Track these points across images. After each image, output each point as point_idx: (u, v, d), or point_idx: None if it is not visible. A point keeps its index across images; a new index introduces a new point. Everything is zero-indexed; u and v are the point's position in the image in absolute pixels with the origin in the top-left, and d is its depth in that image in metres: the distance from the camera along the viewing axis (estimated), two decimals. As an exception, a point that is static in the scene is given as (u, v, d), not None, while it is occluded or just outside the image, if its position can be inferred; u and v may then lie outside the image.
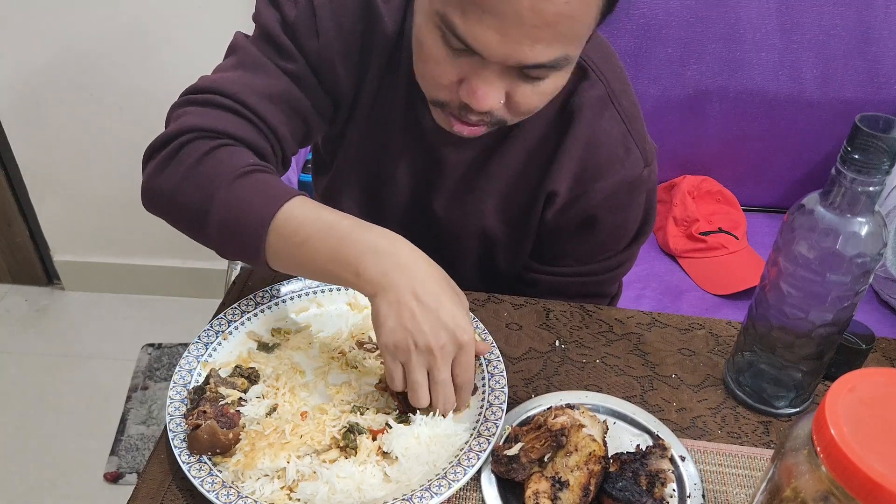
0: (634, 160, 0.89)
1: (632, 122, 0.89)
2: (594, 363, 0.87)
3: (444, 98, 0.76)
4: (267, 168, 0.79)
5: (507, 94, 0.73)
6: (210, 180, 0.75)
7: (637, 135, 0.90)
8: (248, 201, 0.74)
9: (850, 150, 0.64)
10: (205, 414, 0.71)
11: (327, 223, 0.72)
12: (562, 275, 0.99)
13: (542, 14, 0.64)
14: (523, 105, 0.75)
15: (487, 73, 0.70)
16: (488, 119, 0.76)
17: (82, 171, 1.98)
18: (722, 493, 0.73)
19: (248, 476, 0.70)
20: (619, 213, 0.93)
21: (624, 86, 0.90)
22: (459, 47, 0.69)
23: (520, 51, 0.67)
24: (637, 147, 0.90)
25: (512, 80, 0.72)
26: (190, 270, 2.16)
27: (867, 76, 1.49)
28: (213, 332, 0.84)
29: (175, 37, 1.76)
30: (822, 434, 0.46)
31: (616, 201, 0.91)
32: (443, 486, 0.69)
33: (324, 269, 0.72)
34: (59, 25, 1.74)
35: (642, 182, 0.91)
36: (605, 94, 0.87)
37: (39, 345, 2.08)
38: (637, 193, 0.92)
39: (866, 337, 0.84)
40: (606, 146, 0.88)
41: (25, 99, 1.85)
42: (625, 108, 0.89)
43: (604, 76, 0.88)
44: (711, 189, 1.63)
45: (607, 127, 0.88)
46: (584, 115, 0.87)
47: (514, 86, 0.72)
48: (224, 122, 0.79)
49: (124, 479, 1.74)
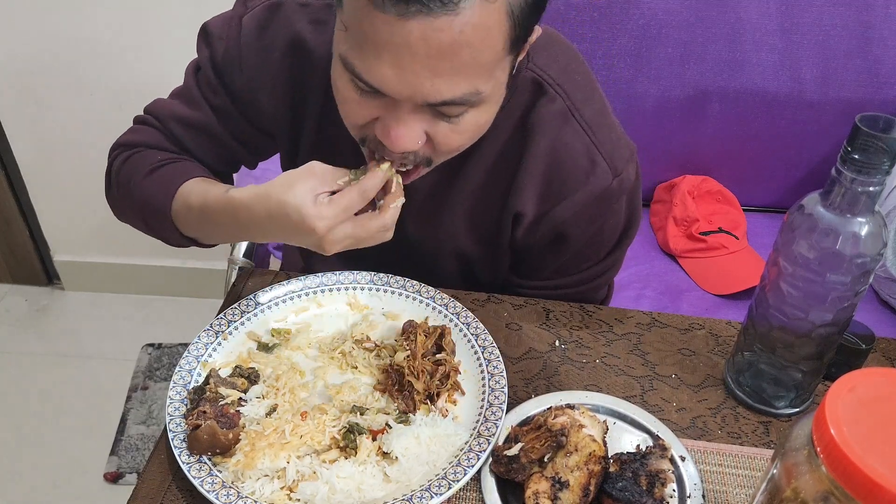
0: (601, 173, 0.86)
1: (597, 131, 0.86)
2: (594, 363, 0.87)
3: (363, 135, 0.75)
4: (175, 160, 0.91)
5: (427, 134, 0.72)
6: (127, 182, 0.90)
7: (604, 144, 0.86)
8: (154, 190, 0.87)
9: (850, 150, 0.64)
10: (205, 414, 0.71)
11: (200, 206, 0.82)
12: (543, 287, 0.98)
13: (434, 44, 0.62)
14: (443, 145, 0.73)
15: (400, 112, 0.69)
16: (412, 159, 0.75)
17: (82, 171, 1.98)
18: (722, 494, 0.73)
19: (248, 476, 0.70)
20: (591, 226, 0.90)
21: (587, 94, 0.87)
22: (365, 89, 0.68)
23: (420, 86, 0.65)
24: (604, 158, 0.86)
25: (428, 120, 0.70)
26: (190, 270, 2.16)
27: (867, 76, 1.48)
28: (213, 333, 0.84)
29: (175, 37, 1.76)
30: (822, 434, 0.46)
31: (585, 216, 0.88)
32: (443, 486, 0.69)
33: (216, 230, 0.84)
34: (60, 25, 1.74)
35: (612, 193, 0.87)
36: (564, 108, 0.85)
37: (39, 345, 2.08)
38: (609, 204, 0.89)
39: (866, 337, 0.84)
40: (570, 161, 0.85)
41: (25, 99, 1.85)
42: (587, 119, 0.86)
43: (562, 90, 0.85)
44: (711, 189, 1.63)
45: (569, 141, 0.85)
46: (544, 132, 0.84)
47: (432, 125, 0.71)
48: (146, 136, 0.93)
49: (124, 479, 1.74)
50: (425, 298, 0.91)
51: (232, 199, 0.77)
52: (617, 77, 1.50)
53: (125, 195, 0.92)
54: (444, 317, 0.88)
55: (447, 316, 0.88)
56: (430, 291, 0.91)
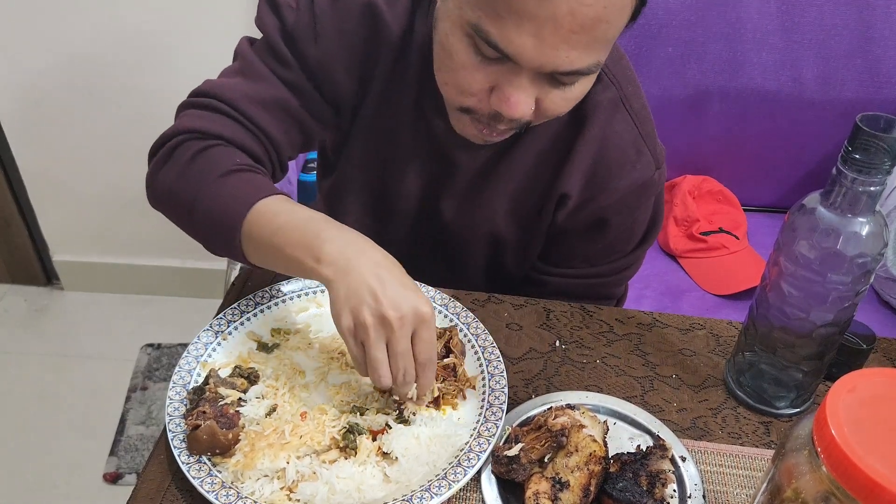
0: (646, 163, 0.89)
1: (643, 124, 0.90)
2: (594, 363, 0.87)
3: (471, 105, 0.75)
4: (253, 168, 0.81)
5: (536, 100, 0.73)
6: (198, 178, 0.79)
7: (649, 137, 0.90)
8: (229, 196, 0.77)
9: (851, 149, 0.64)
10: (204, 414, 0.71)
11: (297, 217, 0.74)
12: (570, 276, 0.99)
13: (580, 18, 0.63)
14: (551, 110, 0.74)
15: (520, 79, 0.70)
16: (517, 124, 0.76)
17: (82, 171, 1.98)
18: (722, 494, 0.73)
19: (248, 476, 0.70)
20: (628, 215, 0.93)
21: (635, 89, 0.90)
22: (493, 55, 0.68)
23: (556, 57, 0.66)
24: (648, 150, 0.90)
25: (542, 86, 0.71)
26: (189, 270, 2.16)
27: (868, 76, 1.48)
28: (213, 333, 0.84)
29: (174, 38, 1.76)
30: (822, 434, 0.46)
31: (626, 204, 0.91)
32: (443, 486, 0.69)
33: (290, 256, 0.73)
34: (59, 27, 1.74)
35: (653, 184, 0.91)
36: (616, 97, 0.87)
37: (39, 345, 2.08)
38: (647, 196, 0.92)
39: (867, 337, 0.84)
40: (618, 149, 0.88)
41: (25, 100, 1.85)
42: (636, 111, 0.89)
43: (616, 79, 0.87)
44: (712, 189, 1.63)
45: (619, 129, 0.88)
46: (597, 118, 0.87)
47: (545, 91, 0.72)
48: (218, 125, 0.82)
49: (124, 479, 1.74)
50: (425, 298, 0.90)
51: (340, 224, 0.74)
52: (617, 77, 1.50)
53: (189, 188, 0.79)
54: (444, 317, 0.88)
55: (447, 316, 0.88)
56: (430, 291, 0.91)
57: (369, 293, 0.68)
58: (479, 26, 0.67)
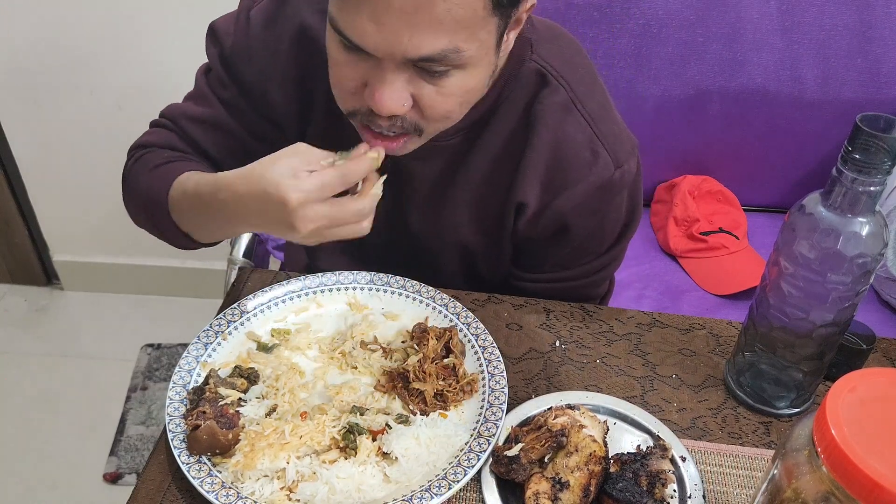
0: (603, 164, 0.86)
1: (599, 123, 0.86)
2: (594, 363, 0.87)
3: (352, 106, 0.76)
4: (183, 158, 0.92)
5: (413, 98, 0.72)
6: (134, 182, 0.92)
7: (606, 136, 0.86)
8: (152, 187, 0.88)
9: (851, 149, 0.64)
10: (204, 414, 0.71)
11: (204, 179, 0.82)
12: (545, 281, 0.98)
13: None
14: (430, 109, 0.73)
15: (384, 73, 0.70)
16: (400, 126, 0.75)
17: (82, 171, 1.98)
18: (722, 494, 0.73)
19: (248, 477, 0.70)
20: (592, 218, 0.90)
21: (590, 87, 0.88)
22: (350, 46, 0.69)
23: (399, 41, 0.66)
24: (606, 150, 0.86)
25: (413, 81, 0.71)
26: (189, 270, 2.16)
27: (868, 76, 1.48)
28: (213, 333, 0.84)
29: (174, 37, 1.76)
30: (822, 434, 0.46)
31: (588, 207, 0.89)
32: (443, 486, 0.69)
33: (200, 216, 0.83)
34: (59, 25, 1.74)
35: (614, 185, 0.88)
36: (567, 99, 0.85)
37: (39, 345, 2.08)
38: (611, 196, 0.89)
39: (867, 337, 0.84)
40: (572, 152, 0.86)
41: (25, 98, 1.85)
42: (590, 111, 0.86)
43: (565, 81, 0.85)
44: (712, 189, 1.63)
45: (572, 132, 0.86)
46: (547, 123, 0.85)
47: (417, 87, 0.71)
48: (158, 137, 0.95)
49: (124, 479, 1.73)
50: (425, 299, 0.90)
51: (217, 178, 0.78)
52: (617, 77, 1.50)
53: (132, 193, 0.94)
54: (444, 317, 0.88)
55: (447, 316, 0.88)
56: (430, 291, 0.91)
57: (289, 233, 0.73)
58: (333, 17, 0.69)
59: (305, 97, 0.91)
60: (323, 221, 0.71)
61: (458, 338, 0.84)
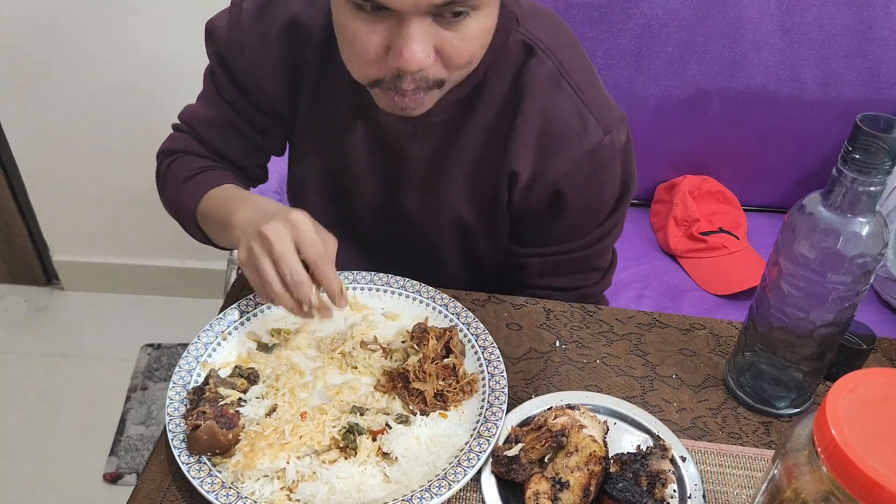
0: (592, 130, 0.87)
1: (586, 92, 0.88)
2: (594, 363, 0.87)
3: (375, 75, 0.76)
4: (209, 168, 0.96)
5: (436, 50, 0.73)
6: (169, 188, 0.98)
7: (593, 104, 0.88)
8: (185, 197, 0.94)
9: (851, 149, 0.64)
10: (204, 414, 0.71)
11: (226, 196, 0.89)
12: (546, 255, 0.98)
13: None
14: (455, 56, 0.75)
15: (407, 30, 0.70)
16: (425, 82, 0.76)
17: (82, 171, 1.98)
18: (723, 494, 0.73)
19: (248, 477, 0.70)
20: (587, 186, 0.91)
21: (576, 58, 0.89)
22: (369, 9, 0.70)
23: None
24: (594, 117, 0.87)
25: (435, 33, 0.72)
26: (189, 270, 2.16)
27: (868, 76, 1.48)
28: (213, 333, 0.84)
29: (175, 37, 1.76)
30: (822, 434, 0.46)
31: (581, 175, 0.89)
32: (443, 486, 0.69)
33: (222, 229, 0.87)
34: (59, 25, 1.74)
35: (605, 151, 0.89)
36: (554, 70, 0.87)
37: (39, 345, 2.08)
38: (603, 164, 0.90)
39: (867, 337, 0.84)
40: (561, 121, 0.87)
41: (25, 98, 1.85)
42: (577, 81, 0.88)
43: (551, 52, 0.87)
44: (712, 189, 1.63)
45: (560, 102, 0.87)
46: (535, 92, 0.86)
47: (440, 38, 0.72)
48: (182, 143, 0.99)
49: (124, 479, 1.74)
50: (425, 298, 0.90)
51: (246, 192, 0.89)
52: (617, 77, 1.50)
53: (167, 199, 1.00)
54: (443, 317, 0.88)
55: (447, 316, 0.88)
56: (430, 291, 0.91)
57: (253, 226, 0.77)
58: None
59: (295, 82, 0.92)
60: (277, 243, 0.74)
61: (458, 338, 0.84)
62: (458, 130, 0.90)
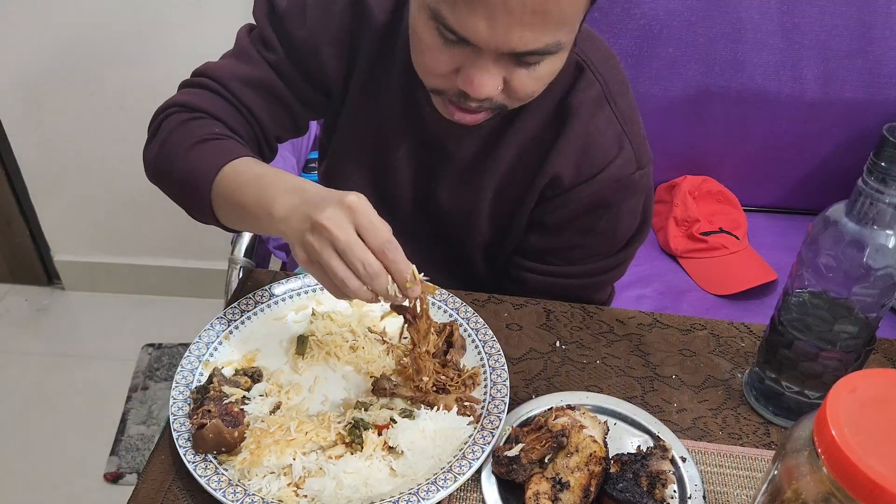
0: (627, 158, 0.89)
1: (628, 123, 0.90)
2: (595, 364, 0.87)
3: (441, 87, 0.77)
4: (227, 136, 0.85)
5: (504, 81, 0.74)
6: (176, 147, 0.84)
7: (633, 136, 0.90)
8: (200, 162, 0.81)
9: (877, 160, 0.62)
10: (209, 413, 0.71)
11: (257, 174, 0.77)
12: (549, 274, 0.98)
13: (530, 4, 0.65)
14: (521, 91, 0.75)
15: (483, 61, 0.71)
16: (487, 105, 0.77)
17: (82, 171, 1.98)
18: (723, 494, 0.73)
19: (255, 474, 0.70)
20: (607, 211, 0.92)
21: (622, 88, 0.90)
22: (452, 39, 0.70)
23: (510, 39, 0.68)
24: (632, 147, 0.89)
25: (508, 67, 0.73)
26: (190, 270, 2.16)
27: (868, 76, 1.48)
28: (214, 332, 0.85)
29: (175, 36, 1.76)
30: (823, 435, 0.46)
31: (605, 198, 0.91)
32: (448, 479, 0.69)
33: (250, 213, 0.75)
34: (60, 25, 1.74)
35: (634, 184, 0.90)
36: (601, 94, 0.88)
37: (39, 345, 2.08)
38: (629, 195, 0.91)
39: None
40: (601, 145, 0.88)
41: (26, 99, 1.85)
42: (621, 110, 0.89)
43: (601, 76, 0.88)
44: (712, 189, 1.63)
45: (602, 126, 0.88)
46: (580, 114, 0.87)
47: (511, 72, 0.73)
48: (204, 100, 0.87)
49: (124, 479, 1.74)
50: (426, 295, 0.91)
51: None
52: (617, 77, 1.50)
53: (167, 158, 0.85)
54: (443, 312, 0.88)
55: (447, 311, 0.88)
56: (431, 290, 0.91)
57: (304, 217, 0.68)
58: (438, 11, 0.69)
59: (351, 62, 0.91)
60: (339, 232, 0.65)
61: (458, 332, 0.84)
62: (500, 136, 0.91)
